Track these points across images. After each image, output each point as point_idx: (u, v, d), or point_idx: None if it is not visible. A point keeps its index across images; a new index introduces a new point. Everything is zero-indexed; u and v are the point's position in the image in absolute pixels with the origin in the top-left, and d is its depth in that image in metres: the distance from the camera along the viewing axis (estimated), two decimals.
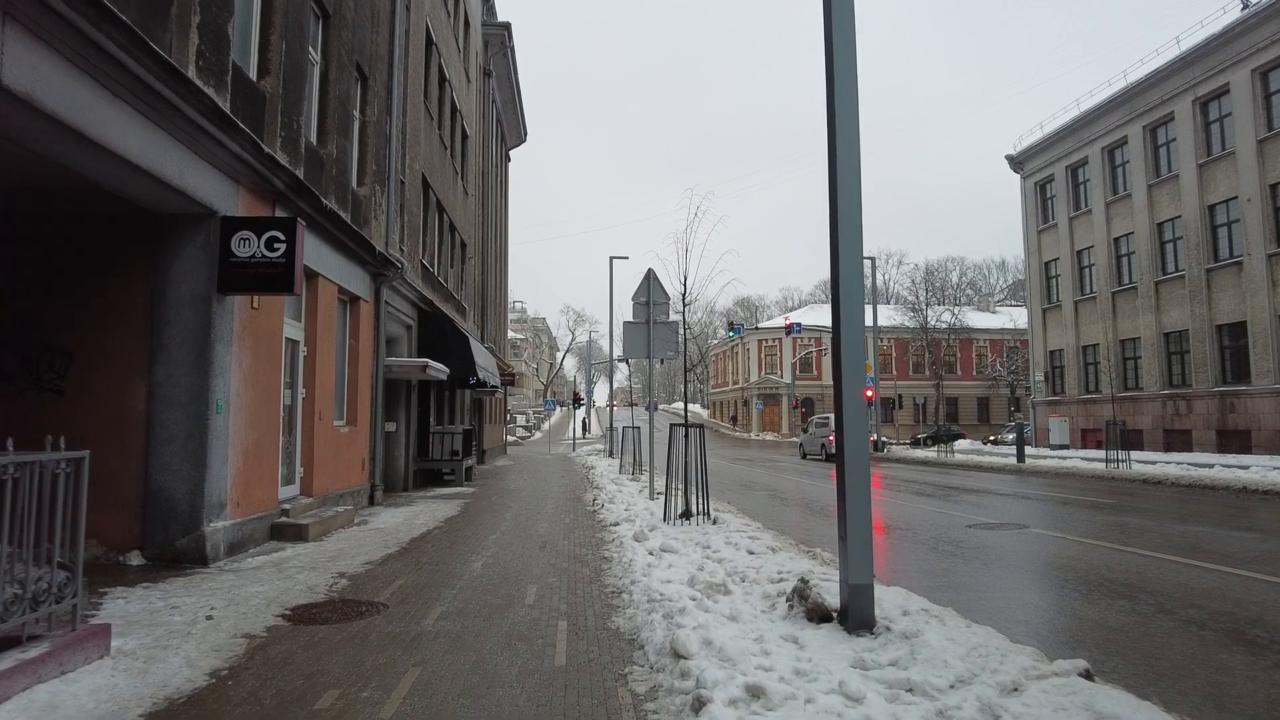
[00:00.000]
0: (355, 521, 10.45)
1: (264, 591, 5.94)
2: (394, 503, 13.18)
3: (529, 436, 60.81)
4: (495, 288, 32.48)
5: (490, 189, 30.48)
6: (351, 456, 11.93)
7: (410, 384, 15.77)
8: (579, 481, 17.83)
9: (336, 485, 11.19)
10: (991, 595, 6.38)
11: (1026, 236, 38.21)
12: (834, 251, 4.81)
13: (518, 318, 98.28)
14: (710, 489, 9.62)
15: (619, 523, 9.66)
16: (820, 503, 14.13)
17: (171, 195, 7.01)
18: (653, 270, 12.66)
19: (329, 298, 10.90)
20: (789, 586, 5.32)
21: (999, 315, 70.20)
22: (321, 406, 10.56)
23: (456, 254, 22.38)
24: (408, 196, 15.74)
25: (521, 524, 10.38)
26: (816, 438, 30.94)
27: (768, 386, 64.61)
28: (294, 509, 9.23)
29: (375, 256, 12.42)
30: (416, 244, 16.40)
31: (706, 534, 8.46)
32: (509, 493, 15.21)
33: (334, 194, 10.87)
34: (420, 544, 8.64)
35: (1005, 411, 64.95)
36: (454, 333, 17.08)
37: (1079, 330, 34.64)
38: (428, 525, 10.20)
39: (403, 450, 15.50)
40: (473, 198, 25.62)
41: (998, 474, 22.97)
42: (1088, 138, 33.30)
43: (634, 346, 12.57)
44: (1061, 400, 35.37)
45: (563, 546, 8.40)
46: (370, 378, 12.96)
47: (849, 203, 4.76)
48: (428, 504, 12.94)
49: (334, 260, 10.97)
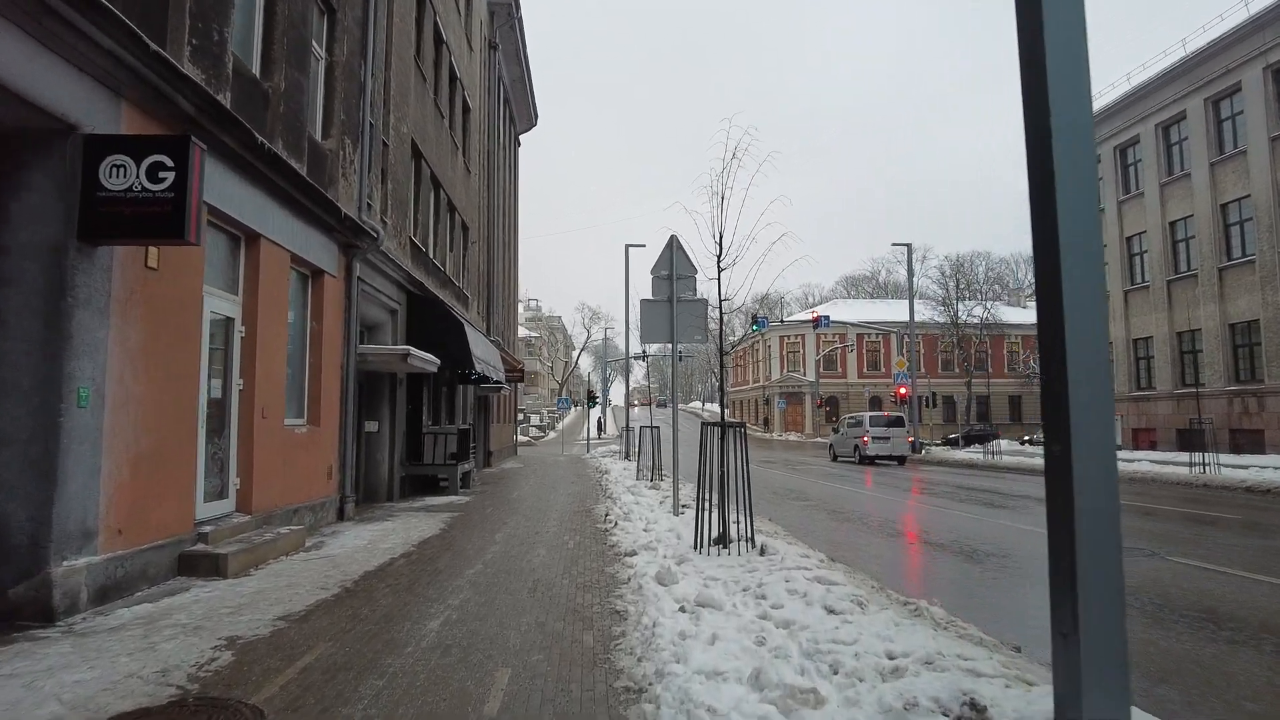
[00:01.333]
0: (306, 545, 8.34)
1: (81, 683, 3.81)
2: (369, 517, 11.07)
3: (543, 437, 58.77)
4: (504, 278, 30.41)
5: (498, 171, 28.41)
6: (311, 462, 9.83)
7: (396, 378, 13.68)
8: (591, 489, 15.67)
9: (289, 498, 9.09)
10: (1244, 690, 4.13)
11: None
12: (1042, 189, 2.61)
13: (532, 315, 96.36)
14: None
15: (636, 551, 7.47)
16: (877, 517, 11.87)
17: (5, 101, 4.92)
18: (676, 238, 10.48)
19: (277, 267, 8.80)
20: (919, 689, 3.16)
21: (1030, 310, 67.25)
22: (266, 401, 8.46)
23: (457, 237, 20.30)
24: (393, 162, 13.65)
25: (513, 550, 8.22)
26: (849, 438, 28.58)
27: (790, 385, 62.13)
28: (217, 532, 7.12)
29: (343, 222, 10.32)
30: (404, 218, 14.32)
31: (754, 571, 6.27)
32: (508, 504, 13.07)
33: (282, 138, 8.77)
34: (372, 582, 6.50)
35: (1038, 410, 61.92)
36: (447, 319, 14.97)
37: (1129, 322, 32.06)
38: (394, 551, 8.06)
39: (386, 454, 13.40)
40: (477, 178, 23.54)
41: None
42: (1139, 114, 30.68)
43: (654, 329, 10.38)
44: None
45: (560, 590, 6.21)
46: (339, 368, 10.87)
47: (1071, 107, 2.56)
48: (407, 519, 10.81)
49: (283, 220, 8.87)
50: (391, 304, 13.52)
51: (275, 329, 8.77)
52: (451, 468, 14.53)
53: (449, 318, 15.07)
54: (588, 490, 15.30)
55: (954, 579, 7.28)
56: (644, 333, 10.43)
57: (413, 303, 14.62)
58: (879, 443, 26.95)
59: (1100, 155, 32.98)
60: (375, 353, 11.44)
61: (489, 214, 26.25)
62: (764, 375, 67.01)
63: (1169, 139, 30.05)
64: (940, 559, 8.27)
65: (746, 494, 7.39)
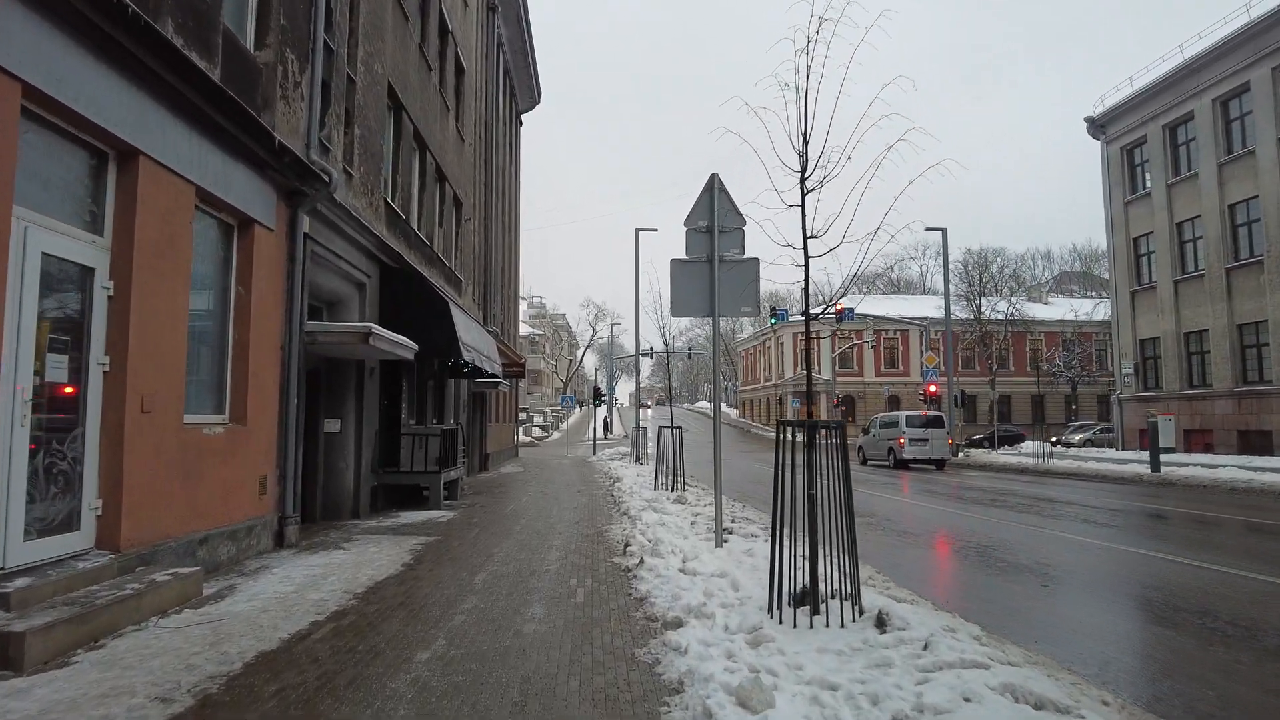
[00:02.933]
0: (202, 595, 5.82)
1: None
2: (319, 543, 8.56)
3: (546, 437, 56.28)
4: (504, 266, 27.91)
5: (498, 149, 25.90)
6: (231, 474, 7.32)
7: (366, 366, 11.18)
8: (601, 502, 13.13)
9: (192, 525, 6.58)
10: None
11: (1109, 210, 32.96)
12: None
13: (536, 313, 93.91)
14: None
15: (682, 619, 4.91)
16: (964, 539, 9.30)
17: None
18: (717, 178, 7.95)
19: (171, 202, 6.29)
20: None
21: (1052, 306, 64.53)
22: (149, 388, 5.96)
23: (448, 211, 17.80)
24: (362, 103, 11.15)
25: (496, 608, 5.68)
26: (881, 440, 25.95)
27: (804, 383, 59.47)
28: (34, 589, 4.62)
29: (281, 158, 7.82)
30: (375, 174, 11.81)
31: (888, 667, 3.75)
32: (500, 523, 10.55)
33: (176, 20, 6.24)
34: (256, 680, 3.98)
35: (1063, 410, 59.49)
36: (430, 297, 12.46)
37: (1179, 314, 29.40)
38: (324, 607, 5.53)
39: (352, 460, 10.90)
40: (472, 150, 21.05)
41: (1133, 486, 18.04)
42: (1193, 89, 28.04)
43: (688, 298, 7.86)
44: (1157, 396, 30.12)
45: (565, 708, 3.66)
46: (278, 350, 8.37)
47: None
48: (366, 547, 8.28)
49: (182, 139, 6.37)
50: (359, 275, 11.01)
51: (168, 289, 6.26)
52: (434, 476, 12.00)
53: (432, 296, 12.56)
54: (597, 504, 12.76)
55: (1178, 660, 4.75)
56: (675, 302, 7.90)
57: (387, 277, 12.11)
58: (916, 445, 24.36)
59: (1147, 135, 30.45)
60: (327, 331, 8.92)
61: (486, 192, 23.75)
62: (776, 374, 64.37)
63: (1228, 115, 27.49)
64: (1122, 618, 5.74)
65: (847, 529, 4.86)
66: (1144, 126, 30.90)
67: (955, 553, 8.70)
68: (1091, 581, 7.06)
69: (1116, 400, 33.19)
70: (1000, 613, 5.80)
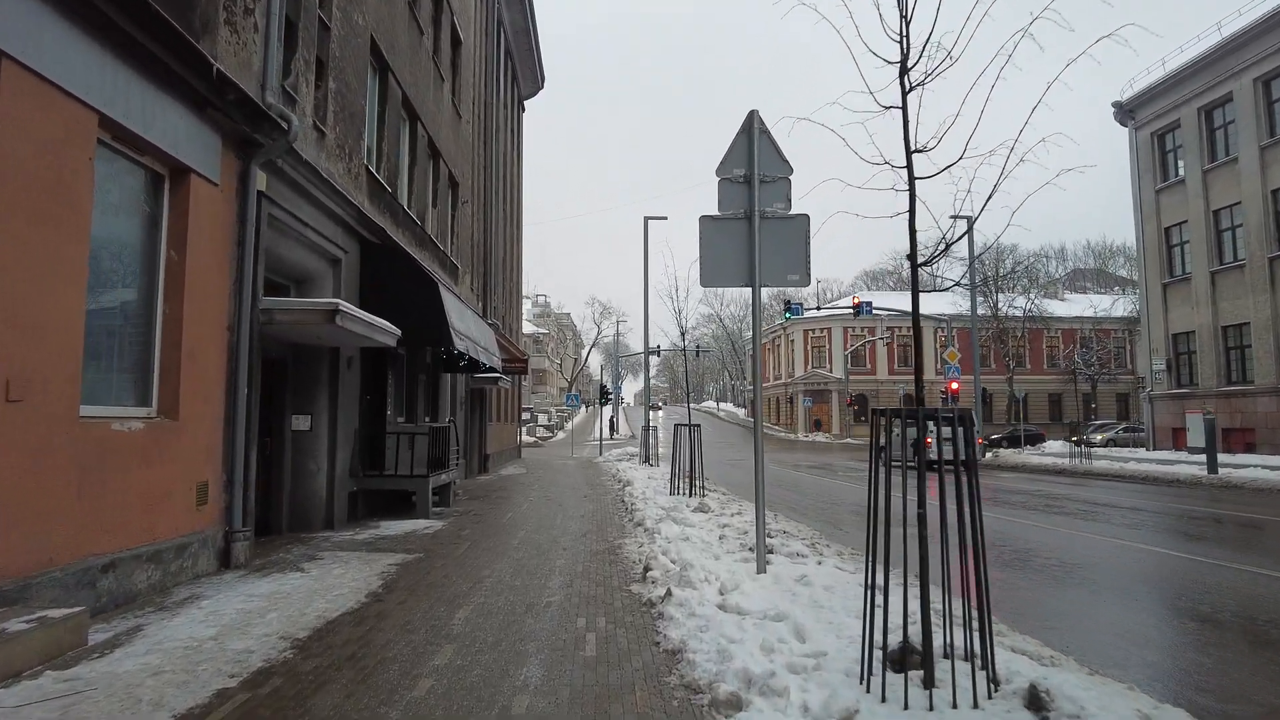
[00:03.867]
0: (77, 648, 4.36)
1: None
2: (275, 562, 7.10)
3: (550, 437, 54.82)
4: (505, 257, 26.47)
5: (498, 132, 24.45)
6: (156, 480, 5.87)
7: (341, 355, 9.73)
8: (611, 509, 11.65)
9: (93, 545, 5.13)
10: None
11: (1138, 199, 31.33)
12: None
13: (541, 312, 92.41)
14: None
15: (742, 696, 3.40)
16: (1072, 561, 7.81)
17: None
18: (757, 115, 6.48)
19: (61, 130, 4.85)
20: None
21: (1068, 302, 62.75)
22: (21, 369, 4.51)
23: (443, 191, 16.35)
24: (337, 54, 9.71)
25: (477, 665, 4.20)
26: None
27: (815, 382, 57.85)
28: None
29: (224, 94, 6.37)
30: (354, 137, 10.37)
31: None
32: (494, 537, 9.09)
33: None
34: None
35: (1080, 408, 57.82)
36: (417, 277, 11.00)
37: (1217, 307, 27.78)
38: (240, 668, 4.07)
39: (325, 462, 9.44)
40: (470, 129, 19.60)
41: (1192, 489, 16.49)
42: (1232, 69, 26.44)
43: (720, 264, 6.39)
44: (1192, 393, 28.50)
45: None
46: (224, 330, 6.92)
47: None
48: (329, 569, 6.82)
49: (77, 48, 4.92)
50: (332, 250, 9.56)
51: (54, 241, 4.81)
52: (421, 481, 10.54)
53: (419, 276, 11.09)
54: (607, 512, 11.28)
55: None
56: (706, 269, 6.42)
57: (369, 254, 10.67)
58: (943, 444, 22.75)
59: (1180, 119, 28.89)
60: (286, 309, 7.45)
61: (486, 176, 22.30)
62: (786, 372, 62.76)
63: (1270, 95, 25.94)
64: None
65: (975, 561, 3.40)
66: (1177, 110, 29.32)
67: (1053, 578, 7.16)
68: (1212, 606, 5.57)
69: (1147, 398, 31.55)
70: (1189, 681, 4.29)
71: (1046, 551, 8.35)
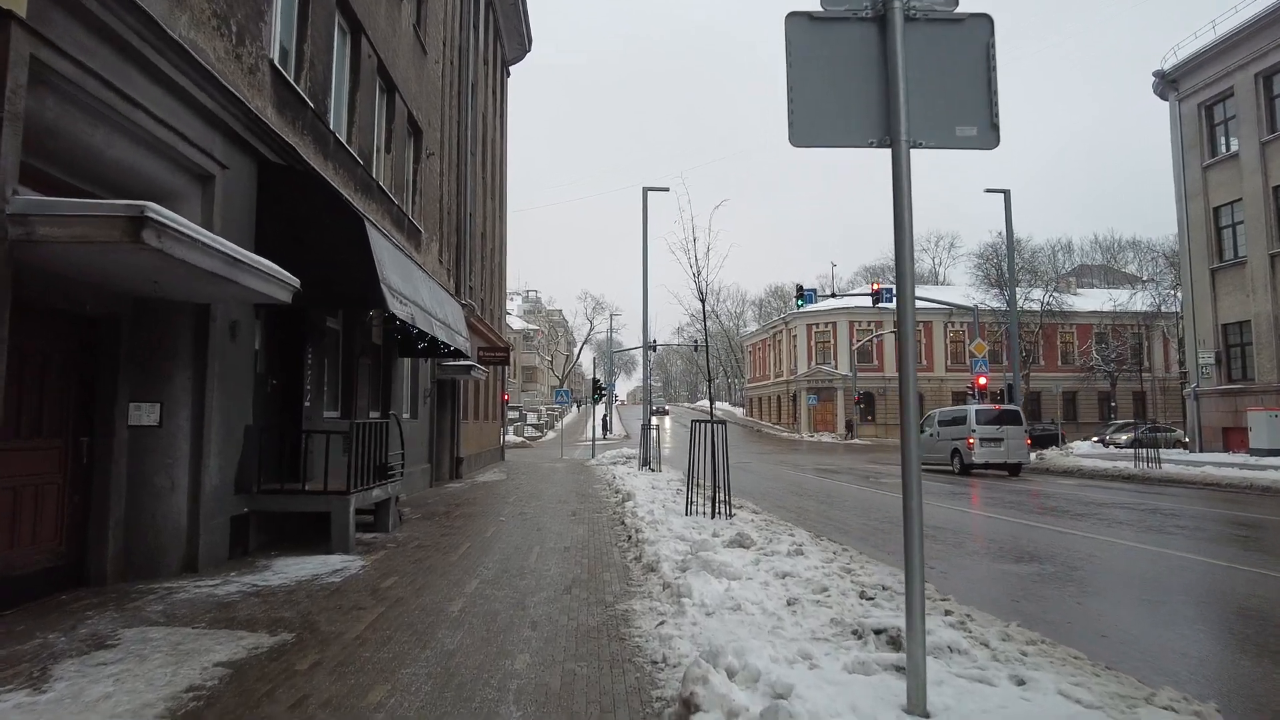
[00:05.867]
0: None
1: None
2: (11, 658, 4.00)
3: (540, 437, 51.68)
4: (486, 233, 23.33)
5: (477, 91, 21.27)
6: None
7: (221, 315, 6.62)
8: (607, 538, 8.55)
9: None
10: None
11: (1182, 177, 28.43)
12: None
13: (531, 308, 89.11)
14: None
15: None
16: (1206, 599, 4.84)
17: None
18: None
19: None
20: None
21: (1081, 297, 59.94)
22: None
23: (399, 134, 13.21)
24: None
25: None
26: (943, 440, 21.33)
27: (820, 379, 54.77)
28: None
29: None
30: (250, 18, 7.23)
31: None
32: (429, 591, 5.97)
33: None
34: None
35: (1098, 407, 55.11)
36: (336, 209, 7.88)
37: (1277, 293, 24.92)
38: None
39: (185, 473, 6.32)
40: (438, 71, 16.49)
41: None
42: None
43: (827, 106, 3.30)
44: (1247, 388, 25.59)
45: None
46: None
47: None
48: (98, 677, 3.72)
49: None
50: (199, 159, 6.42)
51: None
52: (339, 500, 7.41)
53: (339, 208, 7.97)
54: (602, 544, 8.16)
55: None
56: (799, 115, 3.31)
57: (269, 178, 7.54)
58: (988, 446, 19.76)
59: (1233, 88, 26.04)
60: (55, 214, 4.32)
61: (459, 132, 19.15)
62: (788, 369, 59.72)
63: None
64: None
65: None
66: (1229, 77, 26.43)
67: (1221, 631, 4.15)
68: None
69: (1192, 394, 28.61)
70: None
71: (1216, 594, 5.33)
